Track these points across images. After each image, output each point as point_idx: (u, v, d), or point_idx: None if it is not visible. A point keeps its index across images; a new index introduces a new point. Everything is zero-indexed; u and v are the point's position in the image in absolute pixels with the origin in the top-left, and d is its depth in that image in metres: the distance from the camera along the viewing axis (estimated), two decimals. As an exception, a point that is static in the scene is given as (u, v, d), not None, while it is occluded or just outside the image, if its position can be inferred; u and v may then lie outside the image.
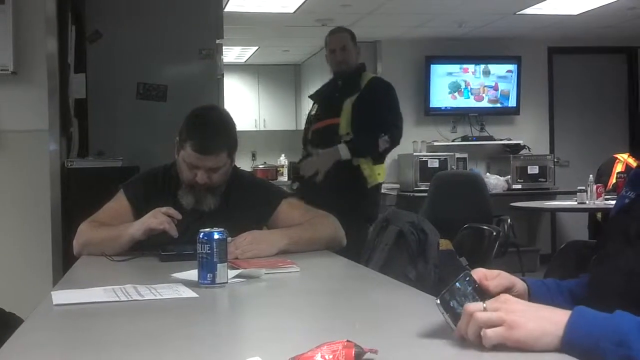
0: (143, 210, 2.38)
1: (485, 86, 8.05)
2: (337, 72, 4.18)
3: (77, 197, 3.40)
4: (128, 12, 4.21)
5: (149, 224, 2.27)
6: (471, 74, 8.01)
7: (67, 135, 3.79)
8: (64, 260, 3.39)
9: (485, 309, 1.13)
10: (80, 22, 4.03)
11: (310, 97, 4.47)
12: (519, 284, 1.38)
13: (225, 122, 2.49)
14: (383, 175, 4.17)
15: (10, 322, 2.10)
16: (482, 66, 8.02)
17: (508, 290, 1.31)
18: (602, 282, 1.36)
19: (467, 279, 1.25)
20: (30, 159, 3.56)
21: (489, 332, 1.09)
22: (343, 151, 3.89)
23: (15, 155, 3.58)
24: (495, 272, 1.34)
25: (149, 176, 2.61)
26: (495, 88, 8.05)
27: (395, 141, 4.05)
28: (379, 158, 4.07)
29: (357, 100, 3.98)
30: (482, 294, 1.24)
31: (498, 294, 1.22)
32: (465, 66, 7.99)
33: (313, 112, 4.29)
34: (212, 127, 2.43)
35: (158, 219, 2.27)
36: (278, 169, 9.40)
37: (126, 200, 2.50)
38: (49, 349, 1.29)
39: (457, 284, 1.22)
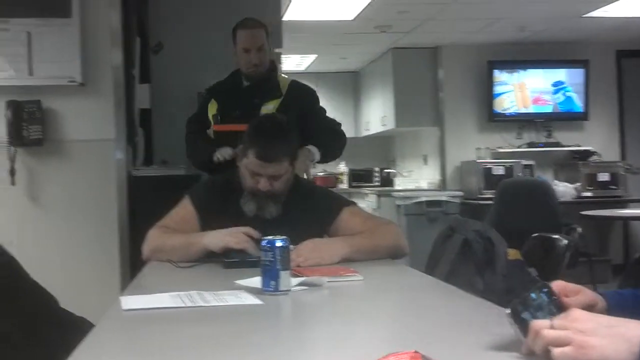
0: (208, 217, 2.41)
1: (551, 91, 7.89)
2: (249, 75, 3.53)
3: (143, 205, 3.45)
4: (189, 24, 4.27)
5: (227, 243, 2.28)
6: (536, 79, 7.87)
7: (132, 145, 3.86)
8: (131, 266, 3.45)
9: (552, 326, 1.08)
10: (144, 34, 4.11)
11: (210, 92, 3.66)
12: (600, 302, 1.31)
13: (286, 130, 2.51)
14: None
15: (80, 326, 2.13)
16: (547, 70, 7.87)
17: (589, 309, 1.23)
18: None
19: (545, 290, 1.19)
20: (98, 168, 3.65)
21: (557, 353, 1.04)
22: (315, 153, 3.46)
23: (83, 164, 3.67)
24: (577, 287, 1.27)
25: (213, 183, 2.64)
26: (562, 93, 7.88)
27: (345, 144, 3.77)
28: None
29: (282, 108, 3.48)
30: (562, 307, 1.18)
31: None
32: (529, 71, 7.86)
33: (214, 112, 3.55)
34: (274, 135, 2.45)
35: (236, 238, 2.28)
36: (338, 177, 9.40)
37: (192, 206, 2.54)
38: (119, 353, 1.31)
39: (532, 294, 1.17)
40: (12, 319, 1.99)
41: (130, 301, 1.70)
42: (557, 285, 1.24)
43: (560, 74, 7.88)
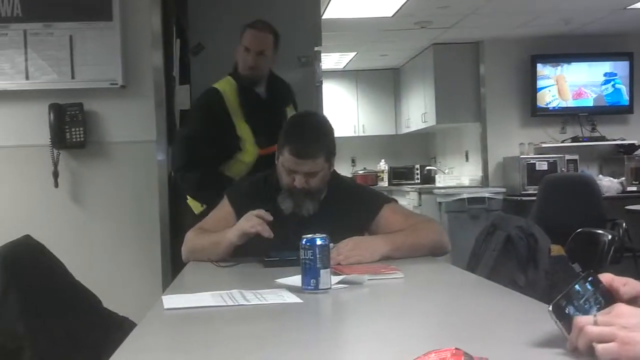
0: None
1: (596, 84, 7.76)
2: (244, 78, 3.32)
3: (184, 205, 3.48)
4: (229, 24, 4.28)
5: (242, 228, 2.32)
6: (580, 72, 7.74)
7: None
8: (172, 266, 3.48)
9: (596, 322, 1.06)
10: (184, 35, 4.14)
11: (250, 115, 3.30)
12: None
13: (322, 127, 2.50)
14: None
15: (123, 325, 2.16)
16: (592, 64, 7.74)
17: (637, 299, 1.21)
18: None
19: (590, 279, 1.16)
20: (139, 169, 3.68)
21: (600, 349, 1.02)
22: None
23: (125, 166, 3.71)
24: (624, 279, 1.24)
25: (251, 182, 2.65)
26: (612, 85, 7.74)
27: None
28: None
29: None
30: (610, 297, 1.16)
31: (626, 301, 1.14)
32: (573, 64, 7.73)
33: (250, 132, 3.28)
34: (310, 132, 2.45)
35: (250, 222, 2.30)
36: (378, 174, 9.39)
37: (230, 206, 2.55)
38: (161, 352, 1.32)
39: (576, 286, 1.14)
40: (56, 319, 2.02)
41: (172, 300, 1.71)
42: (605, 277, 1.21)
43: (605, 67, 7.74)
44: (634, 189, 7.19)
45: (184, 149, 3.33)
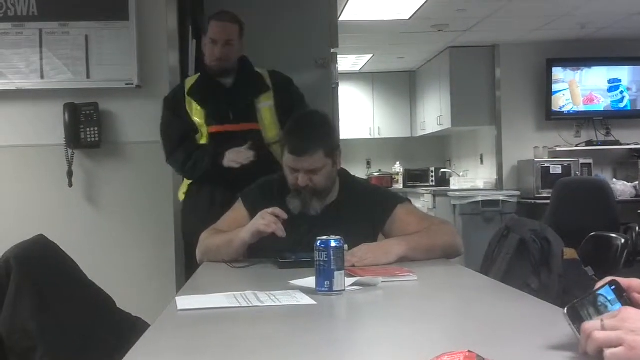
0: None
1: (611, 89, 7.71)
2: (212, 68, 3.38)
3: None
4: (245, 25, 4.29)
5: (257, 226, 2.31)
6: (595, 77, 7.70)
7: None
8: (186, 266, 3.49)
9: (603, 327, 1.05)
10: (200, 36, 4.14)
11: (190, 95, 3.39)
12: None
13: (320, 123, 2.51)
14: None
15: (136, 326, 2.17)
16: (607, 68, 7.70)
17: None
18: None
19: (613, 287, 1.15)
20: (154, 169, 3.69)
21: (609, 354, 1.03)
22: None
23: (140, 166, 3.72)
24: (627, 280, 1.24)
25: (265, 183, 2.66)
26: (622, 90, 7.70)
27: None
28: None
29: (280, 103, 3.38)
30: (631, 304, 1.14)
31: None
32: (589, 68, 7.69)
33: (203, 115, 3.36)
34: (306, 129, 2.46)
35: (265, 219, 2.29)
36: (393, 177, 9.38)
37: (244, 208, 2.55)
38: (174, 352, 1.32)
39: (598, 292, 1.13)
40: (69, 319, 2.03)
41: (186, 301, 1.71)
42: (622, 281, 1.19)
43: (621, 72, 7.69)
44: (648, 193, 7.14)
45: (162, 139, 3.44)
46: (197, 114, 3.35)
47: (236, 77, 3.40)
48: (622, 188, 7.06)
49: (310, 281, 1.83)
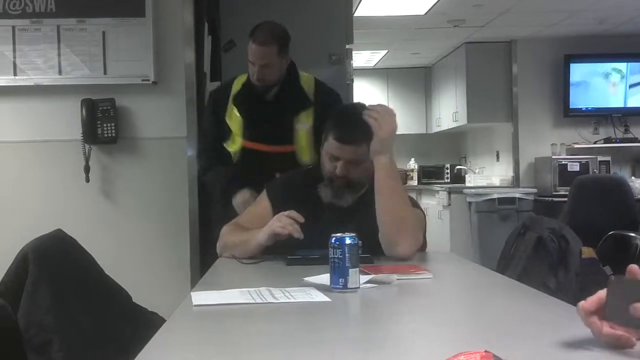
0: (283, 210, 2.40)
1: (630, 85, 7.64)
2: (256, 86, 3.25)
3: (214, 202, 3.49)
4: (260, 21, 4.29)
5: (273, 228, 2.31)
6: (614, 73, 7.64)
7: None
8: (202, 262, 3.50)
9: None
10: (216, 32, 4.15)
11: (234, 101, 3.30)
12: None
13: None
14: None
15: (152, 321, 2.17)
16: (627, 64, 7.63)
17: None
18: None
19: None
20: (170, 165, 3.70)
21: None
22: None
23: (156, 162, 3.73)
24: None
25: (290, 176, 2.68)
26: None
27: None
28: None
29: (320, 125, 2.89)
30: None
31: None
32: (607, 64, 7.63)
33: (241, 125, 3.27)
34: (355, 119, 2.44)
35: (282, 222, 2.30)
36: (408, 173, 9.34)
37: (268, 200, 2.56)
38: (189, 348, 1.32)
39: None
40: (85, 313, 2.04)
41: (201, 297, 1.71)
42: (632, 269, 1.18)
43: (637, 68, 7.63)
44: (667, 191, 7.07)
45: (199, 131, 3.50)
46: (235, 120, 3.27)
47: (280, 88, 3.29)
48: (640, 186, 7.00)
49: (324, 278, 1.83)
